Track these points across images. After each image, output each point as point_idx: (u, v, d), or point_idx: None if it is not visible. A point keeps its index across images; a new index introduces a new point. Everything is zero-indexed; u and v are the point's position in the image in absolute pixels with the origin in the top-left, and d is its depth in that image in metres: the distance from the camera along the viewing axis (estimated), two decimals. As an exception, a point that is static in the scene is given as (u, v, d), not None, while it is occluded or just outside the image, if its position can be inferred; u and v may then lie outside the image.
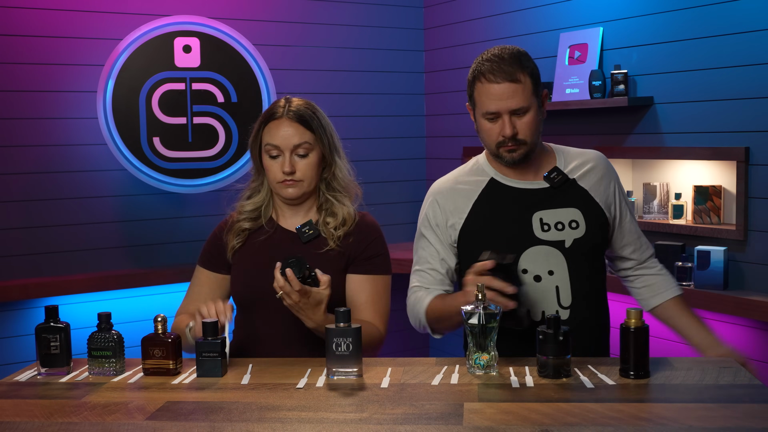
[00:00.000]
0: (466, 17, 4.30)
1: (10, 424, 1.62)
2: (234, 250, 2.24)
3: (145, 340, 1.93)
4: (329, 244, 2.18)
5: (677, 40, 3.31)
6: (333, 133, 2.24)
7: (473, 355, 1.87)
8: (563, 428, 1.53)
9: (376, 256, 2.22)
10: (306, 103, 2.22)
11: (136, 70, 3.71)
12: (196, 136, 3.82)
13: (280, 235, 2.23)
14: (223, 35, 3.86)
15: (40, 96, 3.70)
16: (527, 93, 2.05)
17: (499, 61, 2.06)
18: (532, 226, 2.10)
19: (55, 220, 3.76)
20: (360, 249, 2.20)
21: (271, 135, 2.17)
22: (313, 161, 2.18)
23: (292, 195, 2.18)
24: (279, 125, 2.17)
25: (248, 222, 2.24)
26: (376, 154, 4.48)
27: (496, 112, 2.05)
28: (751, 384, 1.77)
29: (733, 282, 3.14)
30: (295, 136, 2.15)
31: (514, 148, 2.07)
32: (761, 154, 3.05)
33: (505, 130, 2.05)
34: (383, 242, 2.26)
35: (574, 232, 2.10)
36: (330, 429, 1.56)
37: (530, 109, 2.06)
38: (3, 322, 3.68)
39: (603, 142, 3.61)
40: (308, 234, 2.19)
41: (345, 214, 2.21)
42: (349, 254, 2.19)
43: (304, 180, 2.17)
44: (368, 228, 2.24)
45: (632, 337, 1.82)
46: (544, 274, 2.09)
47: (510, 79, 2.04)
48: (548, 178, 2.13)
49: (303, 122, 2.17)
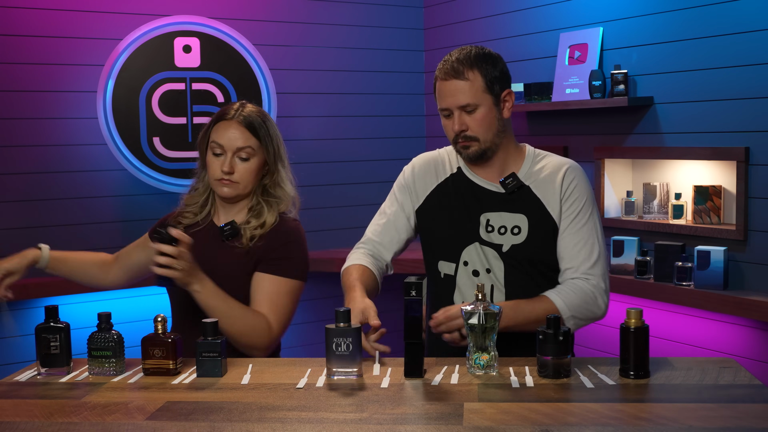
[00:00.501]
0: (466, 17, 4.30)
1: (10, 424, 1.62)
2: None
3: (145, 340, 1.93)
4: (241, 242, 2.23)
5: (677, 40, 3.31)
6: (280, 144, 2.31)
7: (473, 355, 1.87)
8: (563, 428, 1.53)
9: (283, 258, 2.22)
10: (258, 111, 2.31)
11: (136, 70, 3.71)
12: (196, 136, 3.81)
13: (208, 229, 2.30)
14: (223, 35, 3.86)
15: (40, 96, 3.70)
16: (475, 90, 2.10)
17: (452, 60, 2.13)
18: (479, 224, 2.17)
19: (55, 220, 3.76)
20: (268, 250, 2.22)
21: (219, 134, 2.26)
22: (253, 166, 2.25)
23: (227, 194, 2.25)
24: (228, 126, 2.25)
25: (188, 216, 2.34)
26: (376, 154, 4.48)
27: (446, 108, 2.14)
28: (751, 384, 1.77)
29: (733, 282, 3.14)
30: (240, 139, 2.23)
31: (466, 144, 2.14)
32: (761, 154, 3.05)
33: (454, 126, 2.13)
34: (297, 248, 2.26)
35: (514, 238, 2.15)
36: (330, 429, 1.56)
37: (480, 106, 2.11)
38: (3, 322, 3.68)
39: (603, 142, 3.62)
40: (227, 231, 2.25)
41: (268, 220, 2.26)
42: (258, 255, 2.22)
43: (240, 182, 2.25)
44: (284, 232, 2.26)
45: (632, 337, 1.82)
46: (482, 271, 2.17)
47: (456, 77, 2.11)
48: (503, 183, 2.17)
49: (251, 128, 2.25)
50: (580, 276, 2.12)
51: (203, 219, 2.33)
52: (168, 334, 1.93)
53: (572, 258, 2.14)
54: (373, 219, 2.36)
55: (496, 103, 2.13)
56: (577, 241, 2.14)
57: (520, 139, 2.28)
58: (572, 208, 2.16)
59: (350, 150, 4.41)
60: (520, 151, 2.23)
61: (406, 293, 1.84)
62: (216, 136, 2.26)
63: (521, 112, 3.94)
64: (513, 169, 2.20)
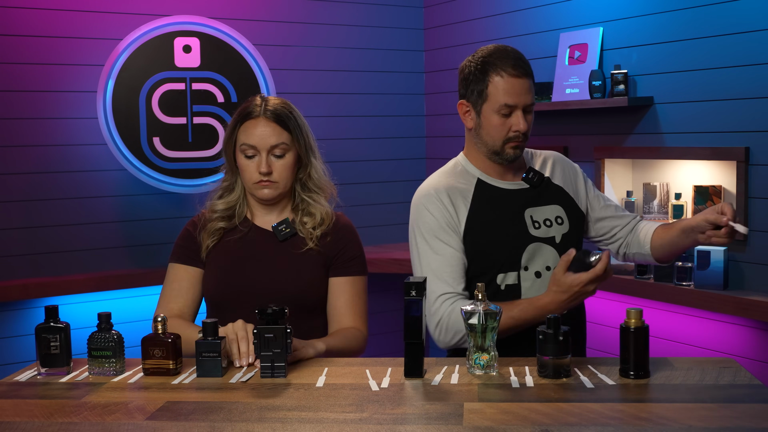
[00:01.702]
0: (466, 17, 4.30)
1: (10, 424, 1.62)
2: (208, 249, 2.22)
3: (145, 340, 1.93)
4: (308, 244, 2.17)
5: (677, 40, 3.31)
6: (309, 134, 2.22)
7: (473, 355, 1.87)
8: (563, 428, 1.53)
9: (354, 257, 2.22)
10: (283, 102, 2.20)
11: (136, 70, 3.71)
12: (196, 136, 3.83)
13: (255, 233, 2.21)
14: (223, 35, 3.86)
15: (40, 96, 3.70)
16: (533, 91, 2.13)
17: (516, 57, 2.10)
18: (526, 224, 2.15)
19: (55, 220, 3.76)
20: (338, 250, 2.20)
21: (248, 134, 2.14)
22: (290, 162, 2.17)
23: (268, 196, 2.17)
24: (256, 125, 2.14)
25: (222, 221, 2.22)
26: (376, 154, 4.48)
27: (514, 105, 2.08)
28: (751, 384, 1.77)
29: (733, 282, 3.14)
30: (272, 136, 2.14)
31: (521, 144, 2.13)
32: (761, 154, 3.05)
33: (520, 125, 2.09)
34: (360, 243, 2.26)
35: (561, 228, 2.18)
36: (330, 429, 1.56)
37: (533, 106, 2.13)
38: (3, 322, 3.68)
39: (603, 142, 3.62)
40: (285, 232, 2.18)
41: (323, 213, 2.21)
42: (328, 254, 2.19)
43: (280, 181, 2.16)
44: (345, 229, 2.24)
45: (632, 337, 1.82)
46: (543, 270, 2.15)
47: (527, 75, 2.09)
48: (527, 179, 2.18)
49: (280, 122, 2.15)
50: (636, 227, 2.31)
51: (242, 223, 2.22)
52: (168, 333, 1.93)
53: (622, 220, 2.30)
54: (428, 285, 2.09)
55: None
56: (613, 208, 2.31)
57: None
58: (588, 185, 2.30)
59: (350, 150, 4.41)
60: None
61: (406, 293, 1.84)
62: (245, 137, 2.15)
63: (521, 112, 3.94)
64: (521, 167, 2.22)
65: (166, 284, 2.25)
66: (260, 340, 1.85)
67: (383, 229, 4.45)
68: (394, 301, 4.22)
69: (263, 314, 1.85)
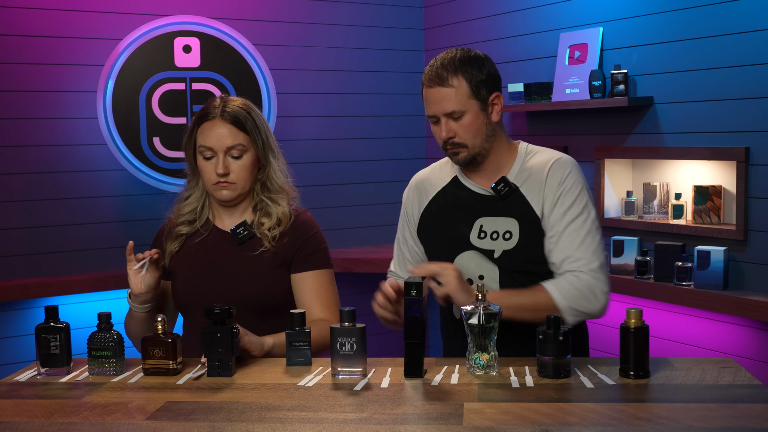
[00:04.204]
0: (466, 17, 4.30)
1: (10, 424, 1.62)
2: (171, 255, 2.23)
3: (145, 340, 1.93)
4: (264, 245, 2.17)
5: (677, 40, 3.31)
6: (268, 134, 2.22)
7: (473, 355, 1.87)
8: (563, 428, 1.53)
9: (315, 251, 2.22)
10: (242, 102, 2.20)
11: (136, 70, 3.71)
12: (196, 136, 3.82)
13: (216, 236, 2.22)
14: (223, 35, 3.86)
15: (40, 96, 3.70)
16: (460, 97, 2.07)
17: (436, 66, 2.11)
18: (471, 231, 2.13)
19: (55, 220, 3.76)
20: (296, 248, 2.20)
21: (205, 136, 2.15)
22: (247, 163, 2.17)
23: (227, 197, 2.17)
24: (212, 126, 2.14)
25: (186, 226, 2.24)
26: (376, 154, 4.48)
27: (433, 115, 2.12)
28: (751, 384, 1.77)
29: (733, 282, 3.14)
30: (229, 137, 2.13)
31: (455, 150, 2.11)
32: (761, 154, 3.05)
33: (441, 133, 2.11)
34: (321, 237, 2.25)
35: (505, 243, 2.10)
36: (330, 429, 1.56)
37: (466, 112, 2.07)
38: (3, 322, 3.68)
39: (603, 142, 3.62)
40: (243, 235, 2.18)
41: (280, 213, 2.20)
42: (286, 254, 2.19)
43: (238, 182, 2.16)
44: (303, 226, 2.23)
45: (632, 337, 1.82)
46: (475, 278, 2.12)
47: (441, 84, 2.09)
48: (495, 189, 2.13)
49: (237, 123, 2.15)
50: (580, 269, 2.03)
51: (204, 226, 2.25)
52: (168, 334, 1.93)
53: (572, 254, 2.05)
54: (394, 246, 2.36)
55: (483, 108, 2.09)
56: (573, 239, 2.05)
57: (520, 140, 2.24)
58: (562, 204, 2.07)
59: (350, 150, 4.41)
60: (512, 151, 2.18)
61: (406, 293, 1.84)
62: (202, 138, 2.16)
63: (521, 112, 3.94)
64: (505, 171, 2.15)
65: None
66: (207, 340, 1.88)
67: (383, 229, 4.45)
68: (394, 301, 4.21)
69: (210, 314, 1.88)
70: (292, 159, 2.35)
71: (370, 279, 2.33)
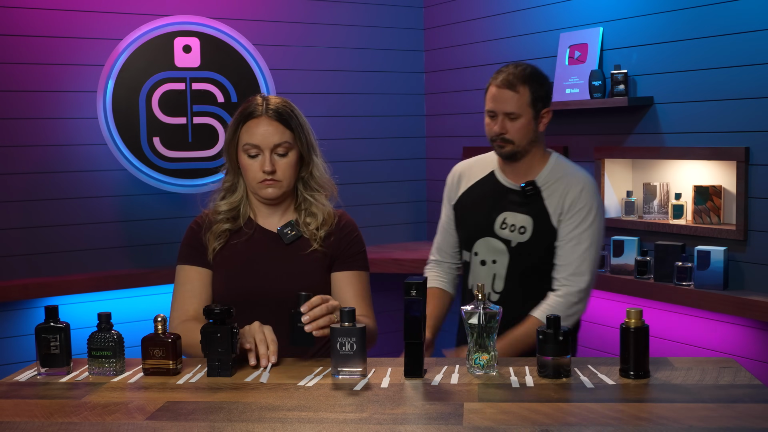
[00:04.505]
0: (466, 17, 4.30)
1: (10, 424, 1.62)
2: (215, 252, 2.20)
3: (145, 340, 1.93)
4: (312, 245, 2.17)
5: (677, 40, 3.31)
6: (310, 132, 2.23)
7: (473, 355, 1.87)
8: (563, 428, 1.53)
9: (359, 252, 2.23)
10: (284, 101, 2.21)
11: (136, 70, 3.71)
12: (196, 136, 3.83)
13: (261, 235, 2.21)
14: (223, 35, 3.86)
15: (40, 96, 3.70)
16: (522, 103, 2.43)
17: (509, 72, 2.44)
18: (495, 221, 2.51)
19: (55, 220, 3.76)
20: (342, 247, 2.20)
21: (251, 134, 2.14)
22: (292, 160, 2.17)
23: (272, 195, 2.16)
24: (258, 123, 2.14)
25: (228, 222, 2.21)
26: (376, 154, 4.48)
27: (493, 110, 2.46)
28: (751, 384, 1.77)
29: (733, 282, 3.14)
30: (275, 134, 2.13)
31: (502, 144, 2.47)
32: (761, 154, 3.05)
33: (495, 127, 2.46)
34: (362, 241, 2.27)
35: (521, 237, 2.47)
36: (330, 429, 1.56)
37: (521, 116, 2.43)
38: (3, 322, 3.68)
39: (603, 142, 3.62)
40: (290, 235, 2.18)
41: (325, 213, 2.21)
42: (332, 254, 2.19)
43: (284, 180, 2.16)
44: (348, 227, 2.24)
45: (632, 337, 1.82)
46: (489, 261, 2.52)
47: (509, 88, 2.42)
48: (523, 189, 2.49)
49: (282, 121, 2.15)
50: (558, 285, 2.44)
51: (247, 225, 2.22)
52: (168, 334, 1.93)
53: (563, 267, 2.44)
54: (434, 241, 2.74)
55: (536, 117, 2.45)
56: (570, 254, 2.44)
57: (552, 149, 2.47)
58: (572, 222, 2.45)
59: (350, 150, 4.41)
60: (545, 159, 2.52)
61: (406, 293, 1.84)
62: (248, 136, 2.14)
63: (521, 112, 3.94)
64: (535, 173, 2.50)
65: (178, 287, 2.23)
66: (207, 340, 1.88)
67: (383, 229, 4.45)
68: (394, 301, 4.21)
69: (210, 314, 1.88)
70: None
71: (371, 279, 2.32)
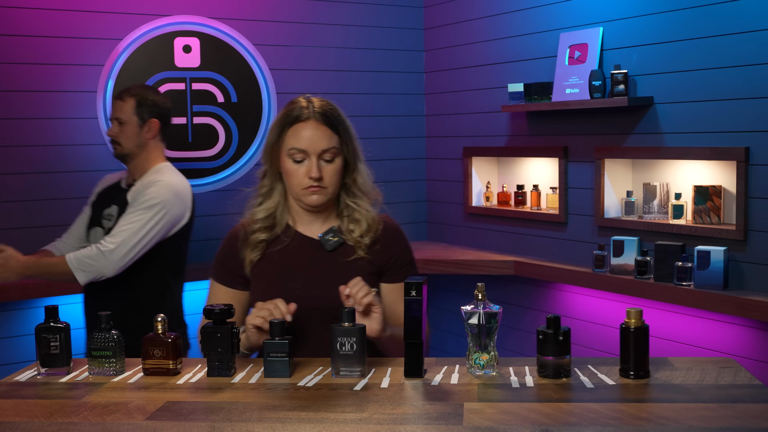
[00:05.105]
0: (466, 17, 4.30)
1: (10, 424, 1.62)
2: (252, 264, 2.13)
3: (145, 340, 1.93)
4: (357, 253, 2.10)
5: (677, 40, 3.31)
6: (355, 137, 2.14)
7: (473, 355, 1.87)
8: (563, 428, 1.53)
9: (409, 261, 2.17)
10: (329, 103, 2.12)
11: (136, 70, 3.71)
12: (196, 136, 3.83)
13: (300, 243, 2.13)
14: (223, 35, 3.86)
15: (40, 96, 3.70)
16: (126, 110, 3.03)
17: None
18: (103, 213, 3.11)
19: (55, 220, 3.76)
20: (389, 256, 2.13)
21: (297, 138, 2.05)
22: (338, 167, 2.09)
23: (317, 202, 2.08)
24: (306, 127, 2.05)
25: (264, 232, 2.12)
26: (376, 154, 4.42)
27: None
28: (751, 384, 1.77)
29: (733, 282, 3.14)
30: (323, 139, 2.05)
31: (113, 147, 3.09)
32: (761, 154, 3.05)
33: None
34: (409, 246, 2.19)
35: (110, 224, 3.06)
36: (330, 429, 1.56)
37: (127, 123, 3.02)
38: (3, 322, 3.68)
39: (603, 142, 3.62)
40: (333, 242, 2.10)
41: (369, 220, 2.13)
42: (379, 262, 2.12)
43: (329, 187, 2.08)
44: (394, 234, 2.17)
45: (632, 337, 1.82)
46: None
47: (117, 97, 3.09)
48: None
49: (330, 125, 2.07)
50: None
51: (285, 232, 2.14)
52: (168, 334, 1.93)
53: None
54: None
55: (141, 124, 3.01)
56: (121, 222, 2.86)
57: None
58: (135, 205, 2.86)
59: (350, 150, 4.40)
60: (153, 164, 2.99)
61: (406, 293, 1.84)
62: (294, 141, 2.05)
63: (521, 112, 3.94)
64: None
65: (209, 299, 2.20)
66: (207, 340, 1.88)
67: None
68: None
69: (210, 314, 1.88)
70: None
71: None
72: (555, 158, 3.83)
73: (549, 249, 3.88)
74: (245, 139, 3.91)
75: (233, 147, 3.88)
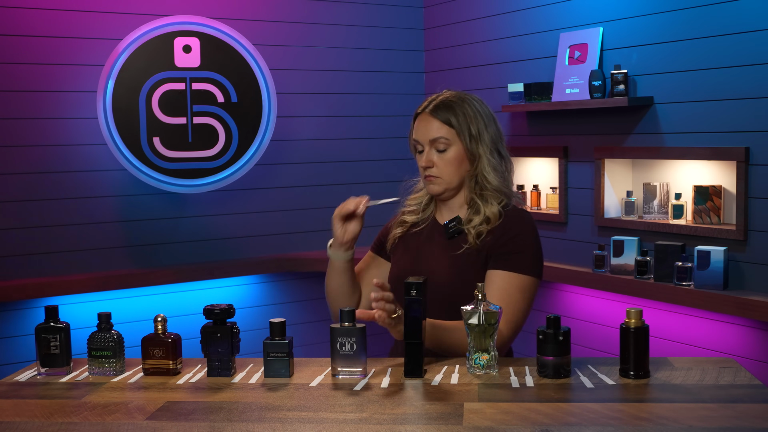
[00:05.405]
0: (466, 17, 4.30)
1: (10, 424, 1.62)
2: (395, 240, 2.28)
3: (145, 340, 1.93)
4: (469, 242, 2.12)
5: (677, 40, 3.31)
6: (481, 128, 2.14)
7: (473, 355, 1.87)
8: (563, 428, 1.53)
9: (514, 252, 2.10)
10: (453, 95, 2.18)
11: (136, 70, 3.71)
12: (196, 136, 3.83)
13: (432, 228, 2.23)
14: (223, 35, 3.86)
15: (40, 96, 3.70)
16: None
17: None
18: None
19: (55, 220, 3.76)
20: (497, 244, 2.11)
21: (415, 129, 2.18)
22: (451, 157, 2.13)
23: (434, 191, 2.17)
24: (421, 119, 2.17)
25: (410, 215, 2.28)
26: (376, 154, 4.48)
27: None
28: (751, 384, 1.77)
29: (733, 282, 3.14)
30: (432, 130, 2.13)
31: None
32: (761, 154, 3.05)
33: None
34: (527, 241, 2.12)
35: None
36: (330, 429, 1.56)
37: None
38: (3, 322, 3.68)
39: (603, 142, 3.62)
40: (452, 229, 2.16)
41: (489, 213, 2.14)
42: (487, 251, 2.12)
43: (443, 176, 2.14)
44: (511, 224, 2.13)
45: (632, 337, 1.82)
46: None
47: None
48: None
49: (440, 116, 2.14)
50: None
51: (425, 218, 2.26)
52: (168, 334, 1.93)
53: None
54: None
55: None
56: None
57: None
58: None
59: (350, 150, 4.41)
60: None
61: (406, 293, 1.84)
62: (414, 132, 2.18)
63: (521, 112, 3.94)
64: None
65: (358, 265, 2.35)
66: (207, 340, 1.90)
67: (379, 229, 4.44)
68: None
69: (210, 314, 1.89)
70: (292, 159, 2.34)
71: (371, 279, 2.33)
72: (555, 158, 3.83)
73: (549, 249, 3.88)
74: (245, 139, 3.91)
75: (233, 147, 3.88)
